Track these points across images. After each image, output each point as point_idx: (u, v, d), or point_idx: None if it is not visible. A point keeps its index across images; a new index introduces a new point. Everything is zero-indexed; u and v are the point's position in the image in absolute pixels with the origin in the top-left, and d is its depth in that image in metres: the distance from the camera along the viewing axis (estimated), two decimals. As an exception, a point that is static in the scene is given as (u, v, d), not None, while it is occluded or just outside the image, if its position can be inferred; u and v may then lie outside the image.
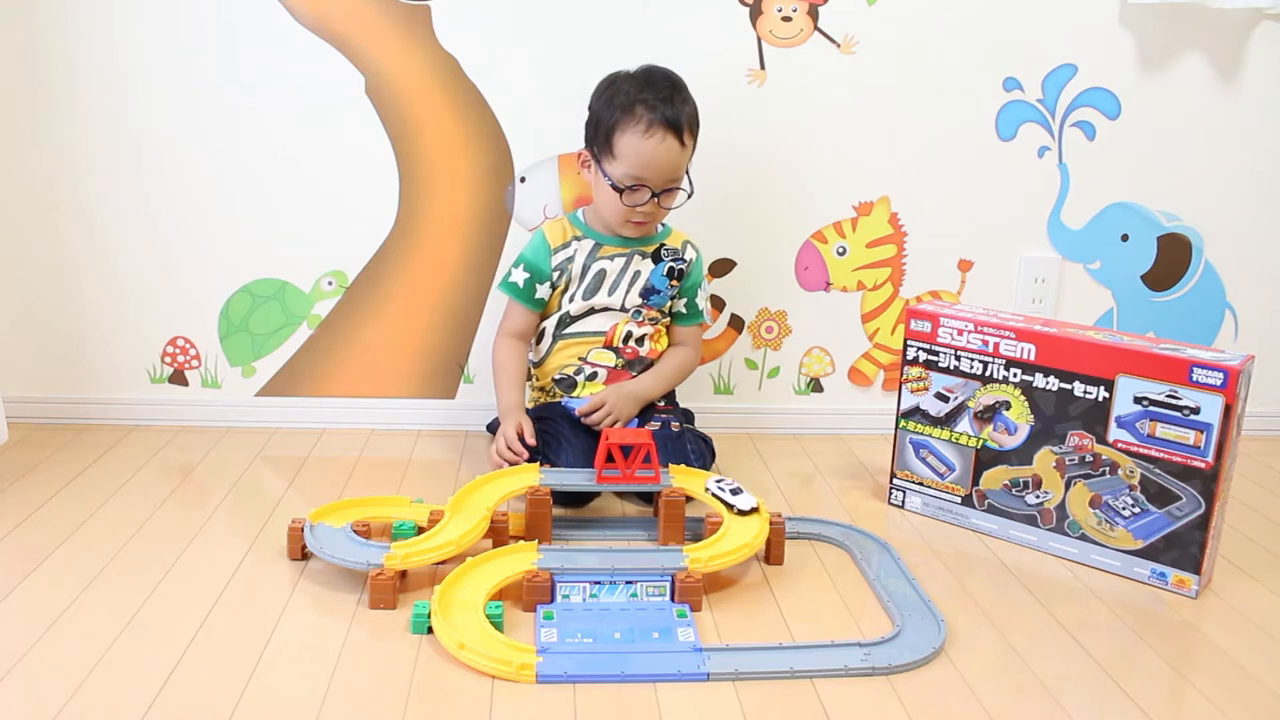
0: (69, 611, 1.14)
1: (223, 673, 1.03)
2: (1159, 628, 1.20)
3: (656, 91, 1.45)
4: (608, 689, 1.03)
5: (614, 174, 1.47)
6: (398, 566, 1.18)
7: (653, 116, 1.43)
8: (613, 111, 1.46)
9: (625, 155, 1.45)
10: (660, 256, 1.57)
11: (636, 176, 1.45)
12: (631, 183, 1.46)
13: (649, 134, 1.43)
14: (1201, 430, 1.23)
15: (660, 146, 1.44)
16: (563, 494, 1.40)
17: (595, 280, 1.55)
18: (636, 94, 1.45)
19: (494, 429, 1.72)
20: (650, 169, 1.45)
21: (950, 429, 1.44)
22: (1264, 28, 1.70)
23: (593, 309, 1.56)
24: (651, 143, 1.44)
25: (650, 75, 1.48)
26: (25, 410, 1.71)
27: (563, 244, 1.55)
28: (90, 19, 1.59)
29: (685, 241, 1.61)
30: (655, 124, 1.43)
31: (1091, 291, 1.81)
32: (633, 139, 1.44)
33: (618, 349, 1.57)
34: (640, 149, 1.44)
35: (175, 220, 1.67)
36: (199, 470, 1.57)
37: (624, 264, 1.56)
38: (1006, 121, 1.72)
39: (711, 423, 1.78)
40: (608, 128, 1.46)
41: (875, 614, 1.20)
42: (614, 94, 1.47)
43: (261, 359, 1.74)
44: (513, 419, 1.49)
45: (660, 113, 1.43)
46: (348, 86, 1.64)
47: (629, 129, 1.44)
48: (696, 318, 1.63)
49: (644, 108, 1.44)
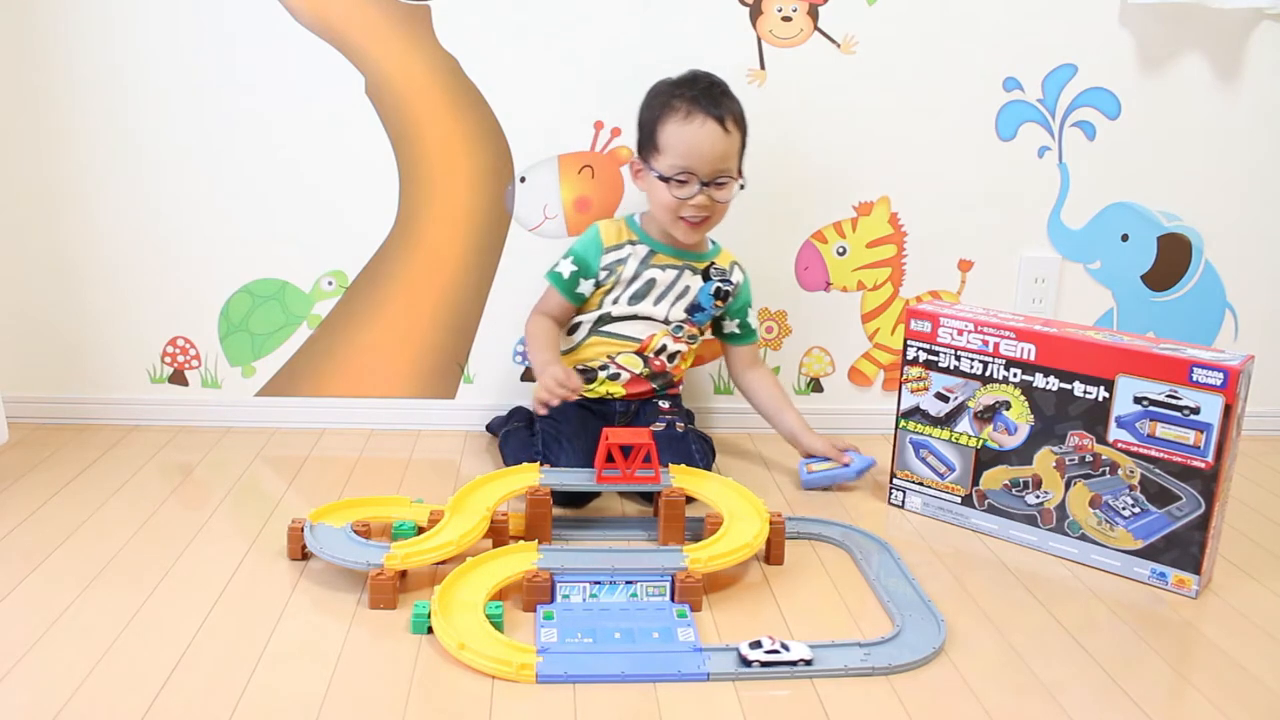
0: (69, 611, 1.14)
1: (223, 673, 1.03)
2: (1159, 628, 1.20)
3: (696, 85, 1.48)
4: (608, 689, 1.03)
5: (661, 167, 1.47)
6: (398, 566, 1.18)
7: (693, 105, 1.45)
8: (654, 109, 1.49)
9: (669, 145, 1.46)
10: (709, 275, 1.58)
11: (682, 166, 1.46)
12: (677, 173, 1.46)
13: (688, 119, 1.45)
14: (1201, 430, 1.23)
15: (701, 130, 1.44)
16: (562, 494, 1.40)
17: (644, 287, 1.55)
18: (676, 89, 1.48)
19: (494, 429, 1.72)
20: (693, 156, 1.45)
21: (950, 429, 1.45)
22: (1264, 28, 1.70)
23: (635, 315, 1.56)
24: (691, 127, 1.44)
25: (691, 74, 1.51)
26: (25, 410, 1.71)
27: (616, 245, 1.55)
28: (90, 19, 1.59)
29: (733, 263, 1.62)
30: (694, 111, 1.45)
31: (1091, 291, 1.81)
32: (673, 127, 1.46)
33: (647, 358, 1.57)
34: (681, 135, 1.45)
35: (175, 220, 1.67)
36: (199, 470, 1.57)
37: (675, 277, 1.56)
38: (1006, 121, 1.72)
39: (711, 423, 1.78)
40: (651, 125, 1.49)
41: (875, 614, 1.20)
42: (656, 94, 1.51)
43: (261, 359, 1.74)
44: (553, 367, 1.46)
45: (700, 101, 1.45)
46: (348, 86, 1.64)
47: (669, 119, 1.46)
48: (751, 337, 1.65)
49: (682, 99, 1.46)
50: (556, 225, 1.71)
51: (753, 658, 1.07)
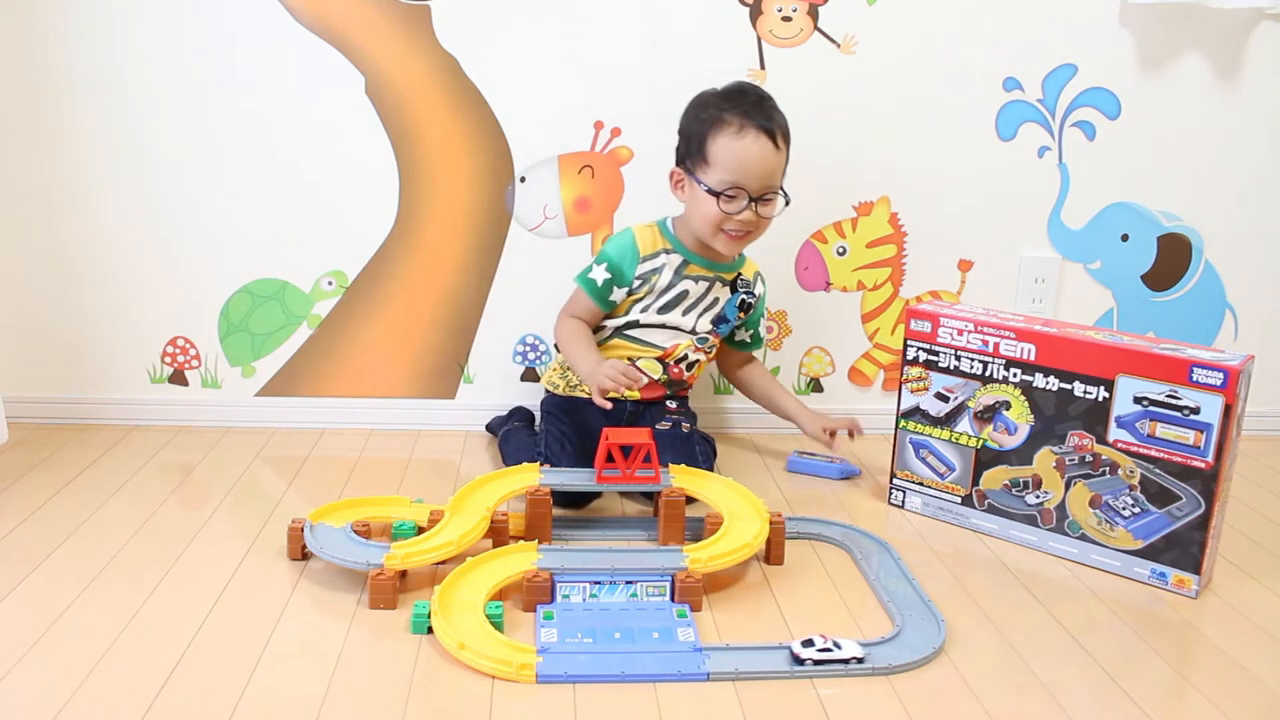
0: (69, 611, 1.14)
1: (223, 673, 1.03)
2: (1159, 628, 1.20)
3: (746, 98, 1.45)
4: (608, 689, 1.03)
5: (710, 181, 1.44)
6: (398, 566, 1.18)
7: (745, 119, 1.42)
8: (704, 121, 1.45)
9: (720, 159, 1.43)
10: (736, 287, 1.57)
11: (733, 181, 1.43)
12: (728, 188, 1.43)
13: (742, 134, 1.42)
14: (1201, 430, 1.23)
15: (754, 146, 1.42)
16: (563, 494, 1.40)
17: (676, 298, 1.53)
18: (726, 102, 1.45)
19: (493, 428, 1.72)
20: (745, 172, 1.43)
21: (950, 429, 1.44)
22: (1264, 28, 1.70)
23: (663, 324, 1.54)
24: (745, 142, 1.42)
25: (739, 87, 1.48)
26: (25, 410, 1.71)
27: (652, 254, 1.52)
28: (90, 19, 1.59)
29: (757, 273, 1.61)
30: (748, 126, 1.42)
31: (1091, 291, 1.81)
32: (726, 141, 1.43)
33: (668, 365, 1.56)
34: (735, 149, 1.42)
35: (175, 220, 1.67)
36: (199, 470, 1.57)
37: (705, 289, 1.54)
38: (1006, 121, 1.72)
39: (712, 423, 1.78)
40: (700, 137, 1.45)
41: (875, 614, 1.20)
42: (703, 106, 1.47)
43: (261, 359, 1.74)
44: (607, 364, 1.44)
45: (752, 115, 1.43)
46: (348, 86, 1.64)
47: (722, 133, 1.43)
48: (758, 345, 1.68)
49: (735, 113, 1.43)
50: (556, 225, 1.71)
51: (805, 656, 1.07)
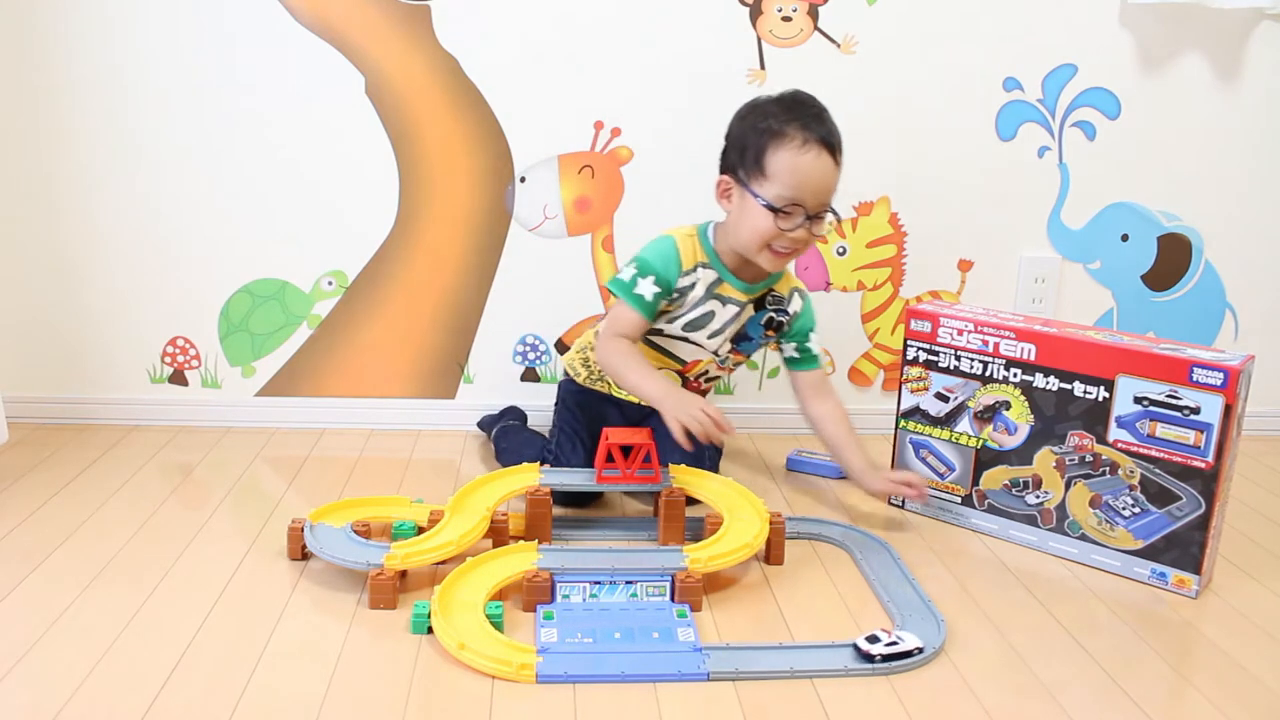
0: (69, 611, 1.14)
1: (223, 673, 1.03)
2: (1159, 628, 1.20)
3: (806, 110, 1.37)
4: (608, 689, 1.03)
5: (768, 195, 1.35)
6: (398, 566, 1.18)
7: (807, 133, 1.34)
8: (762, 132, 1.36)
9: (780, 174, 1.34)
10: (764, 304, 1.49)
11: (791, 197, 1.34)
12: (786, 204, 1.34)
13: (805, 149, 1.34)
14: (1201, 430, 1.23)
15: (817, 162, 1.34)
16: (567, 493, 1.40)
17: (703, 318, 1.45)
18: (786, 114, 1.36)
19: (485, 426, 1.72)
20: (806, 188, 1.35)
21: (950, 429, 1.44)
22: (1264, 28, 1.70)
23: (686, 339, 1.47)
24: (808, 158, 1.34)
25: (796, 97, 1.40)
26: (25, 410, 1.71)
27: (691, 267, 1.44)
28: (90, 19, 1.59)
29: (794, 290, 1.52)
30: (811, 140, 1.34)
31: (1091, 291, 1.81)
32: (789, 156, 1.34)
33: (688, 380, 1.53)
34: (798, 164, 1.34)
35: (175, 220, 1.67)
36: (199, 470, 1.57)
37: (734, 313, 1.46)
38: (1006, 121, 1.72)
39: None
40: (758, 148, 1.36)
41: (875, 614, 1.20)
42: (761, 115, 1.38)
43: (261, 359, 1.74)
44: (691, 399, 1.34)
45: (814, 129, 1.35)
46: (348, 86, 1.64)
47: (783, 147, 1.34)
48: (813, 363, 1.53)
49: (797, 125, 1.35)
50: (556, 225, 1.71)
51: (875, 651, 1.08)
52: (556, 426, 1.54)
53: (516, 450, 1.57)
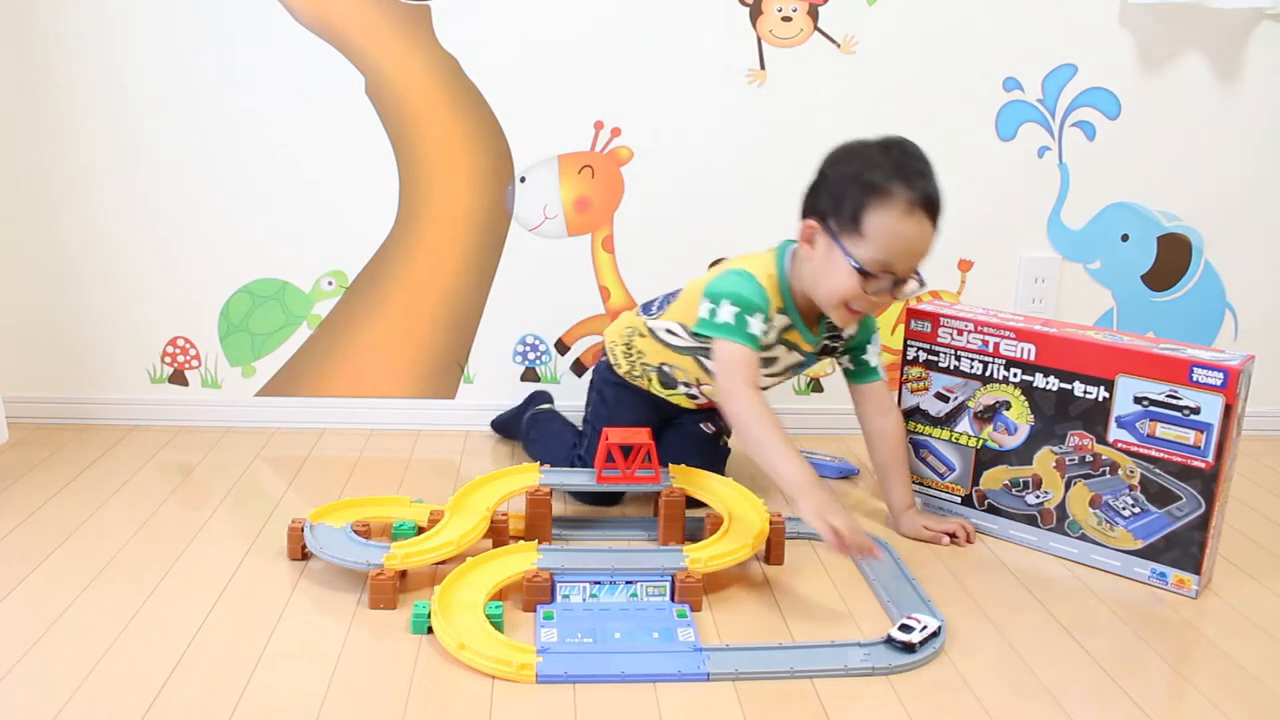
0: (69, 611, 1.14)
1: (223, 673, 1.03)
2: (1159, 628, 1.20)
3: (913, 166, 1.27)
4: (608, 689, 1.03)
5: (861, 257, 1.25)
6: (398, 566, 1.18)
7: (913, 196, 1.24)
8: (864, 187, 1.25)
9: (878, 237, 1.25)
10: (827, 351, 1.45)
11: (885, 263, 1.25)
12: (879, 269, 1.26)
13: (908, 216, 1.24)
14: (1201, 430, 1.23)
15: (918, 230, 1.25)
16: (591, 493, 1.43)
17: (766, 362, 1.39)
18: (893, 170, 1.25)
19: (502, 428, 1.72)
20: (903, 254, 1.26)
21: (950, 429, 1.44)
22: (1264, 28, 1.70)
23: None
24: (910, 225, 1.25)
25: (903, 150, 1.29)
26: (25, 410, 1.71)
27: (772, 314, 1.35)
28: (90, 19, 1.59)
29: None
30: (917, 205, 1.24)
31: (1091, 291, 1.81)
32: (890, 220, 1.24)
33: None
34: (898, 231, 1.24)
35: (175, 220, 1.67)
36: (199, 470, 1.57)
37: (799, 363, 1.43)
38: (1006, 121, 1.72)
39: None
40: (857, 204, 1.25)
41: (875, 614, 1.20)
42: (864, 164, 1.27)
43: (261, 359, 1.74)
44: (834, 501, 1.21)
45: (920, 190, 1.25)
46: (348, 86, 1.64)
47: (886, 209, 1.24)
48: (868, 376, 1.45)
49: (903, 185, 1.24)
50: (556, 225, 1.71)
51: (915, 640, 1.09)
52: (589, 423, 1.52)
53: (545, 443, 1.55)
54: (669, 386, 1.50)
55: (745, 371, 1.29)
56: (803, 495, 1.21)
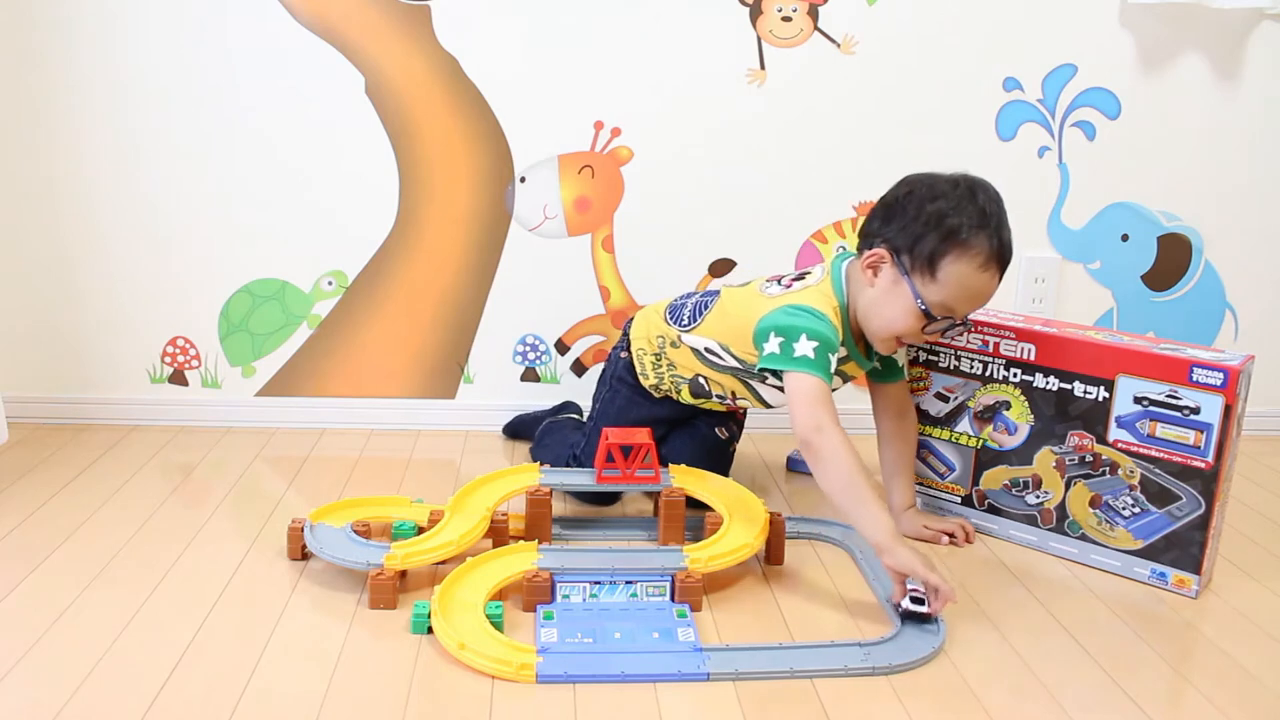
0: (69, 611, 1.14)
1: (223, 673, 1.03)
2: (1159, 628, 1.20)
3: (993, 217, 1.26)
4: (608, 689, 1.03)
5: (929, 299, 1.26)
6: (398, 566, 1.18)
7: (991, 249, 1.24)
8: (946, 233, 1.24)
9: (951, 285, 1.25)
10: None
11: (951, 309, 1.27)
12: (943, 313, 1.27)
13: (984, 269, 1.25)
14: (1201, 430, 1.23)
15: (989, 285, 1.27)
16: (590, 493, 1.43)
17: None
18: (979, 220, 1.25)
19: (516, 432, 1.72)
20: (969, 302, 1.28)
21: (950, 429, 1.44)
22: (1264, 28, 1.70)
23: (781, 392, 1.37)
24: (984, 278, 1.26)
25: (988, 196, 1.28)
26: (25, 410, 1.71)
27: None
28: (90, 19, 1.59)
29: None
30: (992, 262, 1.25)
31: (1091, 291, 1.81)
32: (966, 270, 1.24)
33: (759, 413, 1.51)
34: (971, 283, 1.25)
35: (175, 220, 1.67)
36: (199, 470, 1.57)
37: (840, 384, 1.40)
38: (1006, 121, 1.72)
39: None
40: (935, 250, 1.25)
41: (875, 614, 1.20)
42: (950, 207, 1.25)
43: (261, 359, 1.74)
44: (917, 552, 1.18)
45: (998, 243, 1.25)
46: (348, 86, 1.64)
47: (966, 259, 1.24)
48: (898, 374, 1.44)
49: (984, 238, 1.24)
50: (556, 225, 1.71)
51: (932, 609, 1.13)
52: (594, 420, 1.52)
53: (553, 449, 1.56)
54: (701, 396, 1.47)
55: (829, 407, 1.26)
56: (890, 553, 1.17)
